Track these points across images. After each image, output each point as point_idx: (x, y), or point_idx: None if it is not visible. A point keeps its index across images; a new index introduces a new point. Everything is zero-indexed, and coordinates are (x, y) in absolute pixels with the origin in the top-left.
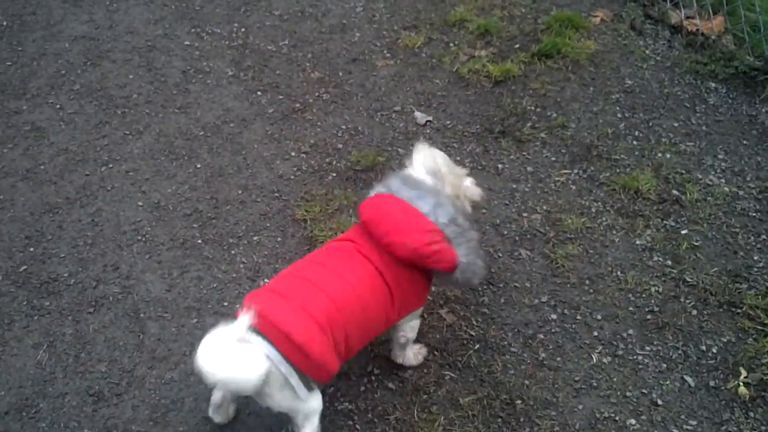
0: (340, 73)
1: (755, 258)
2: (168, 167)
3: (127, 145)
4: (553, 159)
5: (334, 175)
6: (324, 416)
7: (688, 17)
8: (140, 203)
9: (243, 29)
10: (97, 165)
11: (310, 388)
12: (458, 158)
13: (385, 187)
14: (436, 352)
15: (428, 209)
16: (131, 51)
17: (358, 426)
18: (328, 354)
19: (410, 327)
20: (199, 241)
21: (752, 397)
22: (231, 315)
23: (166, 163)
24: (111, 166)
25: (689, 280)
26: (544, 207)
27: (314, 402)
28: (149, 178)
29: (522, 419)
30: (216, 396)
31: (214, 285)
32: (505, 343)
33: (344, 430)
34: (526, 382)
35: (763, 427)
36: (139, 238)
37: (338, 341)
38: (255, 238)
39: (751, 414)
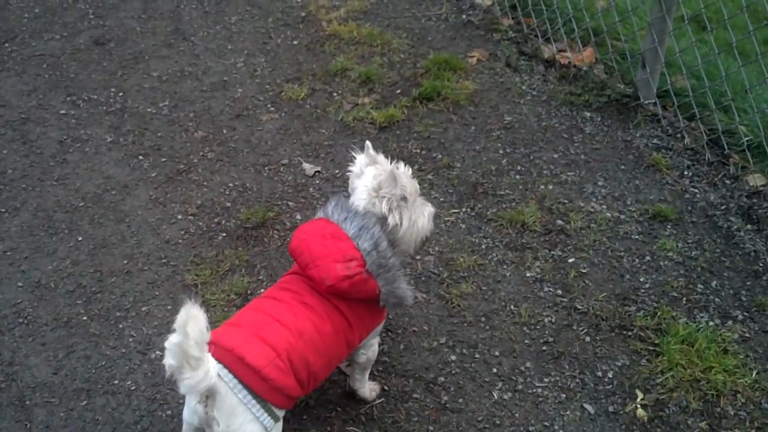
0: (225, 131)
1: (641, 279)
2: (48, 243)
3: (3, 223)
4: (442, 199)
5: (224, 235)
6: None
7: (559, 51)
8: (20, 284)
9: (120, 93)
10: None
11: (274, 417)
12: None
13: (322, 210)
14: (338, 408)
15: (354, 232)
16: (4, 125)
17: None
18: (285, 376)
19: (369, 345)
20: (85, 318)
21: (650, 418)
22: (123, 392)
23: (45, 238)
24: None
25: (580, 307)
26: (436, 248)
27: None
28: (28, 257)
29: None
30: None
31: (103, 363)
32: (407, 389)
33: None
34: (431, 428)
35: None
36: (21, 320)
37: (298, 368)
38: (144, 308)
39: None
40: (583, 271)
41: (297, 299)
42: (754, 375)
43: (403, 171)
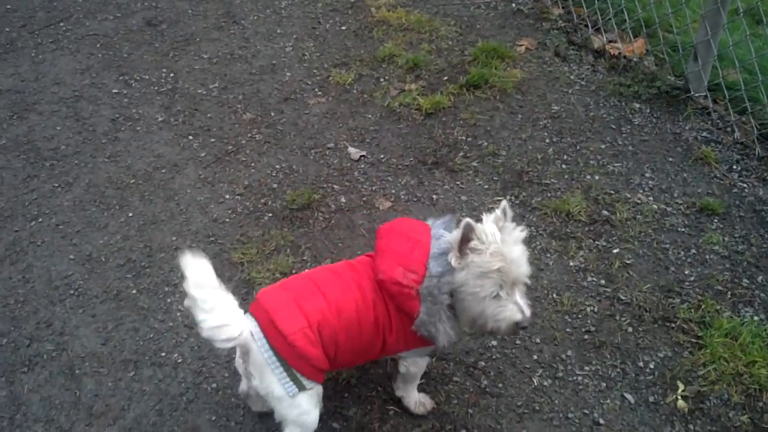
0: (273, 113)
1: (686, 272)
2: (99, 218)
3: (56, 198)
4: (486, 187)
5: (270, 215)
6: None
7: (610, 41)
8: (72, 256)
9: (172, 74)
10: (26, 220)
11: (299, 385)
12: (393, 191)
13: (434, 218)
14: (379, 388)
15: (435, 252)
16: (58, 102)
17: None
18: (311, 346)
19: (414, 361)
20: (134, 292)
21: (691, 410)
22: (169, 365)
23: (96, 213)
24: (41, 220)
25: (623, 298)
26: None
27: (304, 405)
28: (80, 230)
29: None
30: (242, 385)
31: (151, 335)
32: (448, 372)
33: None
34: (470, 410)
35: None
36: (72, 292)
37: (327, 343)
38: None
39: (691, 426)
40: (628, 262)
41: (354, 279)
42: None
43: (505, 249)
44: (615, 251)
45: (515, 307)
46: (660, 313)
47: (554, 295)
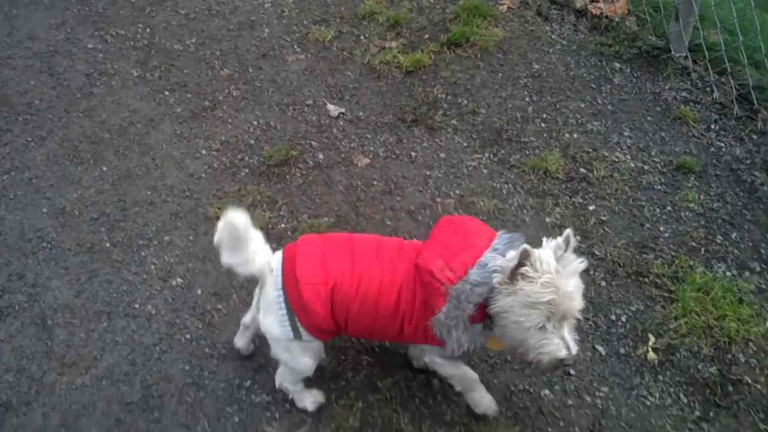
0: (250, 70)
1: (661, 229)
2: (73, 172)
3: (29, 152)
4: (465, 144)
5: (247, 171)
6: (241, 409)
7: (592, 1)
8: (45, 210)
9: (148, 29)
10: None
11: (297, 335)
12: (372, 148)
13: (505, 231)
14: (353, 339)
15: (482, 260)
16: (32, 57)
17: (277, 416)
18: (318, 302)
19: (435, 362)
20: (108, 245)
21: (661, 362)
22: (143, 316)
23: (70, 168)
24: (13, 173)
25: (598, 253)
26: (457, 191)
27: (296, 352)
28: (53, 185)
29: (439, 397)
30: (247, 316)
31: (125, 287)
32: None
33: (262, 422)
34: None
35: (672, 389)
36: (45, 245)
37: (337, 307)
38: (166, 238)
39: (660, 377)
40: (604, 218)
41: (393, 258)
42: (767, 324)
43: (560, 280)
44: (591, 208)
45: (561, 343)
46: (634, 268)
47: None
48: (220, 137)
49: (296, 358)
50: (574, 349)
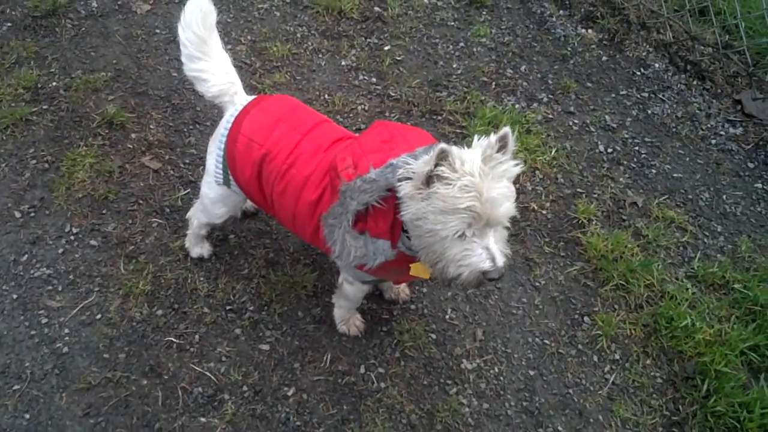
0: None
1: (454, 66)
2: None
3: None
4: None
5: (9, 25)
6: (19, 285)
7: None
8: None
9: None
10: None
11: (226, 181)
12: None
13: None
14: (141, 201)
15: (393, 161)
16: None
17: (60, 288)
18: (244, 159)
19: (347, 279)
20: None
21: None
22: None
23: None
24: None
25: (393, 94)
26: (249, 37)
27: (213, 195)
28: None
29: (236, 252)
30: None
31: None
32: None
33: (43, 296)
34: None
35: None
36: None
37: (266, 179)
38: None
39: None
40: (399, 58)
41: (334, 147)
42: (552, 153)
43: (484, 184)
44: (386, 48)
45: (485, 254)
46: (428, 107)
47: (326, 96)
48: None
49: (214, 201)
50: (500, 261)
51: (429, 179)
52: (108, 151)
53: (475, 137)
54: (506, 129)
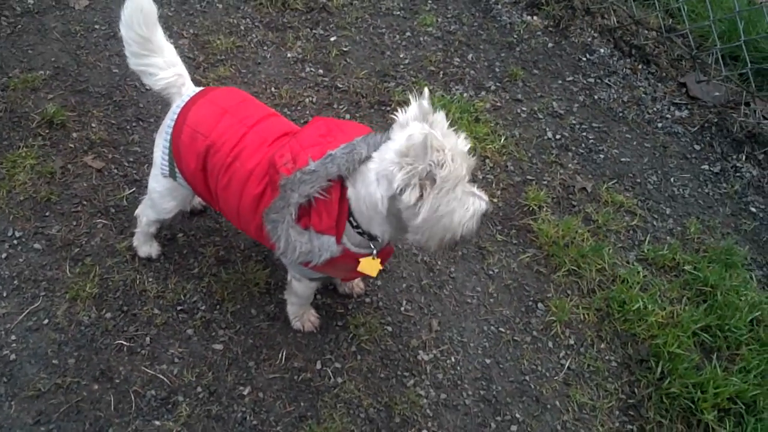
0: None
1: (401, 55)
2: None
3: None
4: None
5: None
6: None
7: None
8: None
9: None
10: None
11: (172, 173)
12: None
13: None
14: (85, 202)
15: (331, 152)
16: None
17: (4, 294)
18: (189, 151)
19: (295, 279)
20: None
21: None
22: None
23: None
24: None
25: (341, 86)
26: (191, 30)
27: (160, 188)
28: None
29: (185, 251)
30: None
31: None
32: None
33: None
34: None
35: None
36: None
37: (210, 171)
38: None
39: None
40: (345, 49)
41: (279, 142)
42: (502, 141)
43: (453, 144)
44: (332, 39)
45: (476, 199)
46: (376, 98)
47: (273, 89)
48: None
49: (162, 195)
50: (485, 196)
51: (429, 172)
52: (49, 152)
53: (399, 112)
54: (426, 90)
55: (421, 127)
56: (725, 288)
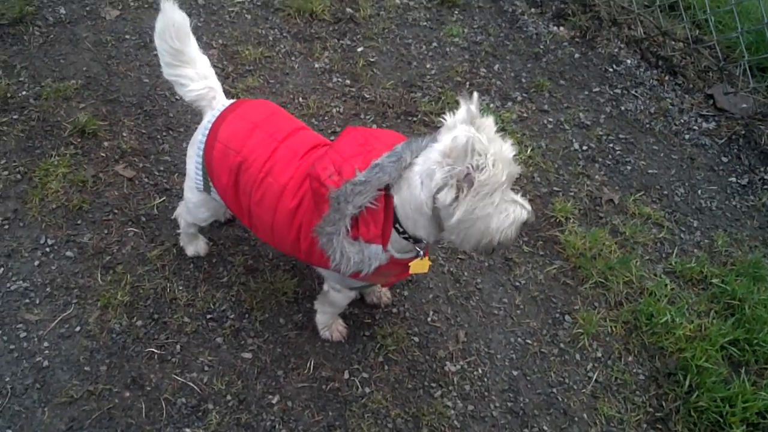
0: None
1: (428, 66)
2: None
3: None
4: None
5: None
6: None
7: None
8: None
9: None
10: None
11: (206, 187)
12: None
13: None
14: (116, 211)
15: (377, 161)
16: None
17: (37, 301)
18: (221, 167)
19: (334, 287)
20: None
21: None
22: None
23: None
24: None
25: (368, 96)
26: (220, 41)
27: (195, 200)
28: None
29: (215, 260)
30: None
31: None
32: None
33: (21, 310)
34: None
35: None
36: None
37: (242, 187)
38: None
39: None
40: (372, 60)
41: (310, 155)
42: (529, 152)
43: (498, 150)
44: (359, 50)
45: (518, 207)
46: (403, 108)
47: (300, 99)
48: None
49: (197, 205)
50: (528, 205)
51: (467, 174)
52: (81, 161)
53: (447, 115)
54: (475, 94)
55: (467, 129)
56: (753, 301)
